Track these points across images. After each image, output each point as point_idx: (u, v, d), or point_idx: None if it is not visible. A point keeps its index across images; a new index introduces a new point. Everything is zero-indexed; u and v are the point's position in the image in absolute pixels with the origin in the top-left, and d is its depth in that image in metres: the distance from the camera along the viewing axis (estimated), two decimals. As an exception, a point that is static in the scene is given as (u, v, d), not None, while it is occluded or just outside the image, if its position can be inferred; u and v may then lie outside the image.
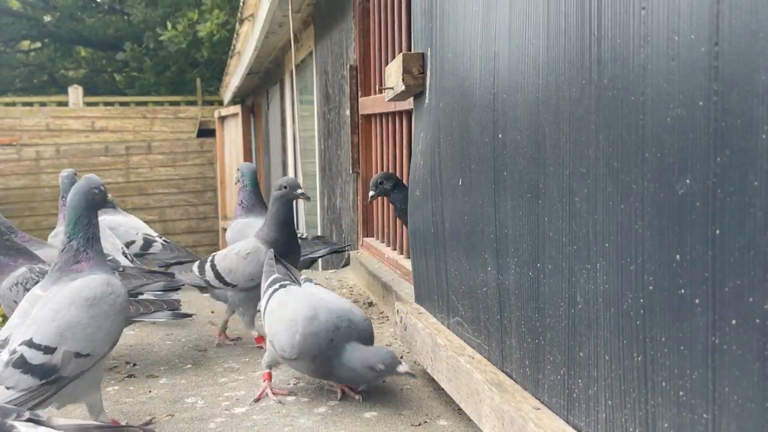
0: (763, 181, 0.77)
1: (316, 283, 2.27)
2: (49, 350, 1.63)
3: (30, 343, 1.63)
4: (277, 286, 2.19)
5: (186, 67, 15.54)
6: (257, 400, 2.06)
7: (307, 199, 2.64)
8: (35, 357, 1.61)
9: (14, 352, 1.62)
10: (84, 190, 1.83)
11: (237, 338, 2.76)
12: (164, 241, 3.56)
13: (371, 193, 2.70)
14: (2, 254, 2.26)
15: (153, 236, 3.63)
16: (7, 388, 1.60)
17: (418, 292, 2.28)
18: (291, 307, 2.05)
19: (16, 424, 1.22)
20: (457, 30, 1.77)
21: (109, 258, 2.81)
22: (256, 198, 3.27)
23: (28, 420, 1.25)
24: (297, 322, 1.97)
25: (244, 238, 2.88)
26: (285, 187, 2.53)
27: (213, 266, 2.58)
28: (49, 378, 1.62)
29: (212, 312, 3.31)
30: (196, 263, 2.71)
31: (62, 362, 1.63)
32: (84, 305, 1.69)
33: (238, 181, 3.32)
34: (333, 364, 1.95)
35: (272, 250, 2.41)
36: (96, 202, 1.83)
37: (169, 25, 13.12)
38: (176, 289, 2.58)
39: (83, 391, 1.75)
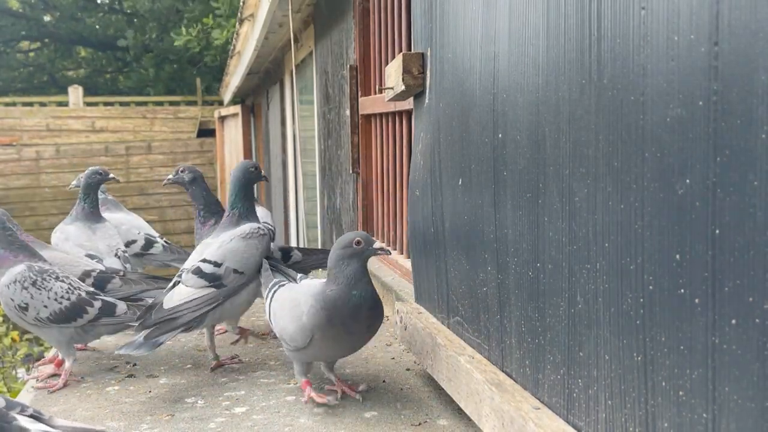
0: (763, 181, 0.77)
1: (313, 278, 2.24)
2: (217, 265, 2.26)
3: (204, 260, 2.27)
4: (275, 287, 2.16)
5: (186, 66, 15.53)
6: (307, 402, 2.02)
7: None
8: (207, 267, 2.26)
9: (194, 266, 2.27)
10: (243, 168, 2.43)
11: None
12: (165, 242, 3.56)
13: (170, 176, 2.72)
14: (3, 248, 2.27)
15: (154, 236, 3.62)
16: (187, 286, 2.23)
17: (418, 292, 2.28)
18: (290, 296, 2.03)
19: (17, 416, 1.24)
20: (456, 30, 1.77)
21: (95, 259, 2.80)
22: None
23: (30, 416, 1.27)
24: (301, 304, 1.93)
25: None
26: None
27: None
28: (215, 282, 2.24)
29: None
30: None
31: (224, 274, 2.26)
32: (242, 239, 2.32)
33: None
34: (354, 313, 1.88)
35: (265, 259, 2.37)
36: (251, 178, 2.44)
37: (183, 30, 13.03)
38: None
39: (233, 311, 2.35)
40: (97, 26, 16.81)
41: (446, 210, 1.91)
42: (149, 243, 3.58)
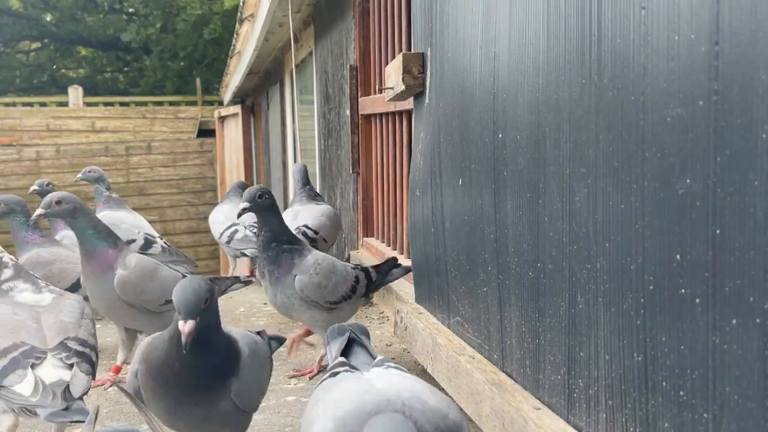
0: (763, 181, 0.77)
1: (389, 366, 1.36)
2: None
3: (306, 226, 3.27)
4: (326, 375, 1.38)
5: (193, 64, 15.48)
6: None
7: None
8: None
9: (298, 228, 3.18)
10: (300, 168, 3.63)
11: None
12: (164, 243, 3.56)
13: (244, 205, 2.24)
14: (28, 231, 2.67)
15: (154, 237, 3.63)
16: None
17: (418, 292, 2.28)
18: (312, 412, 1.24)
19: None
20: (457, 30, 1.77)
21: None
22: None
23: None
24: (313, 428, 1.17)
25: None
26: None
27: None
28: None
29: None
30: None
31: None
32: (325, 213, 3.46)
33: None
34: None
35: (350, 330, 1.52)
36: (304, 175, 3.61)
37: None
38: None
39: None
40: (98, 26, 16.80)
41: (446, 210, 1.91)
42: (148, 243, 3.59)
